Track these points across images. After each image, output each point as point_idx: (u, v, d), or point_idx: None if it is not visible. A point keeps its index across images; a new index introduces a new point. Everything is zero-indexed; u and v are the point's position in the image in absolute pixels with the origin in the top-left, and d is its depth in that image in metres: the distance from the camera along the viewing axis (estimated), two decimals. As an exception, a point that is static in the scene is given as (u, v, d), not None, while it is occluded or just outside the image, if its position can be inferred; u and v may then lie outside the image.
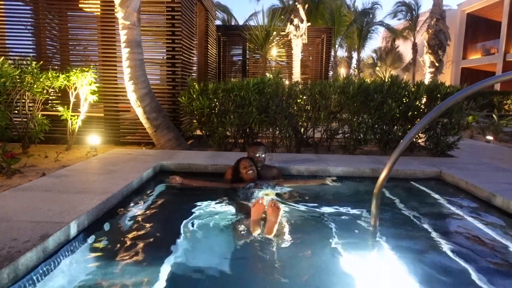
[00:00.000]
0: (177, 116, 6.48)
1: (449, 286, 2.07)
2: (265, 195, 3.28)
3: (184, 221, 2.88)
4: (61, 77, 5.48)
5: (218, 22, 22.93)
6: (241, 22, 24.39)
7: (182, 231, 2.69)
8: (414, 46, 25.54)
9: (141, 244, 2.48)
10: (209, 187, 3.73)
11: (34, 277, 1.92)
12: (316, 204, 3.32)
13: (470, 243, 2.66)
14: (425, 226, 2.90)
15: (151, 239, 2.57)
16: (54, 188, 3.21)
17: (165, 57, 6.47)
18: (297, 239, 2.57)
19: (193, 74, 7.74)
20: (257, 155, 3.85)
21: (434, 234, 2.73)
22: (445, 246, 2.52)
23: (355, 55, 29.88)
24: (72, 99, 5.74)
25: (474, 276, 2.13)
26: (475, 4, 26.85)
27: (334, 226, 2.82)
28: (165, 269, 2.10)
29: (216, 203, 3.34)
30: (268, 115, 5.60)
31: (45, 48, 6.64)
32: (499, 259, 2.42)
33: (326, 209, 3.22)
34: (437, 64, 15.23)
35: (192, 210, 3.14)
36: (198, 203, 3.30)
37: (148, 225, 2.86)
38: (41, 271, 1.97)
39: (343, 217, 3.08)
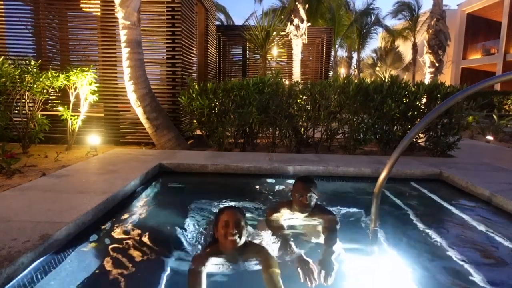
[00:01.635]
0: (177, 116, 6.48)
1: (448, 286, 2.07)
2: None
3: (184, 221, 2.88)
4: (61, 77, 5.48)
5: (216, 23, 22.88)
6: (239, 23, 24.34)
7: (182, 231, 2.69)
8: (414, 46, 25.52)
9: (141, 244, 2.48)
10: None
11: (34, 277, 1.92)
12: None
13: (469, 243, 2.66)
14: (425, 226, 2.90)
15: (151, 239, 2.56)
16: (54, 188, 3.21)
17: (165, 57, 6.47)
18: (296, 239, 2.57)
19: (193, 74, 7.74)
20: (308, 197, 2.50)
21: (433, 234, 2.73)
22: (445, 246, 2.52)
23: (355, 55, 29.88)
24: (72, 99, 5.74)
25: (473, 276, 2.13)
26: (475, 4, 26.85)
27: (334, 226, 2.82)
28: (165, 269, 2.10)
29: (216, 203, 3.34)
30: (268, 115, 5.60)
31: (45, 48, 6.64)
32: (498, 259, 2.42)
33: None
34: (437, 64, 15.23)
35: (192, 210, 3.14)
36: (198, 203, 3.30)
37: (148, 225, 2.86)
38: (41, 271, 1.97)
39: (343, 217, 3.08)
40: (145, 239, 2.57)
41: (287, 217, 2.67)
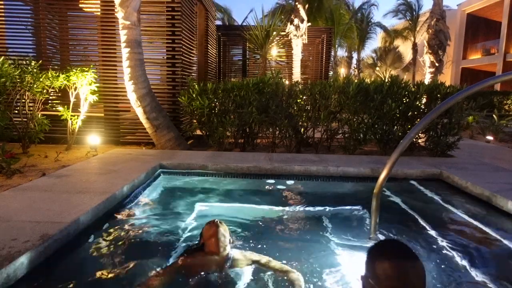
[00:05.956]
0: (177, 116, 6.47)
1: (447, 285, 2.07)
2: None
3: (184, 221, 2.88)
4: (61, 77, 5.48)
5: (217, 22, 22.88)
6: (239, 23, 24.36)
7: (182, 231, 2.69)
8: (414, 46, 25.52)
9: (141, 244, 2.48)
10: None
11: (34, 277, 1.92)
12: (316, 204, 3.33)
13: (470, 243, 2.66)
14: (425, 226, 2.90)
15: (151, 239, 2.57)
16: (54, 188, 3.21)
17: (165, 57, 6.47)
18: (296, 239, 2.57)
19: (193, 74, 7.74)
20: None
21: (433, 234, 2.73)
22: (445, 246, 2.52)
23: (355, 55, 29.91)
24: (72, 99, 5.74)
25: (473, 275, 2.13)
26: (475, 4, 26.83)
27: (334, 226, 2.82)
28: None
29: (216, 203, 3.35)
30: (268, 115, 5.60)
31: (45, 48, 6.63)
32: (498, 259, 2.42)
33: (326, 209, 3.22)
34: (437, 64, 15.22)
35: (192, 210, 3.14)
36: (198, 203, 3.30)
37: (148, 225, 2.86)
38: (41, 271, 1.97)
39: (343, 217, 3.08)
40: (145, 239, 2.57)
41: None
